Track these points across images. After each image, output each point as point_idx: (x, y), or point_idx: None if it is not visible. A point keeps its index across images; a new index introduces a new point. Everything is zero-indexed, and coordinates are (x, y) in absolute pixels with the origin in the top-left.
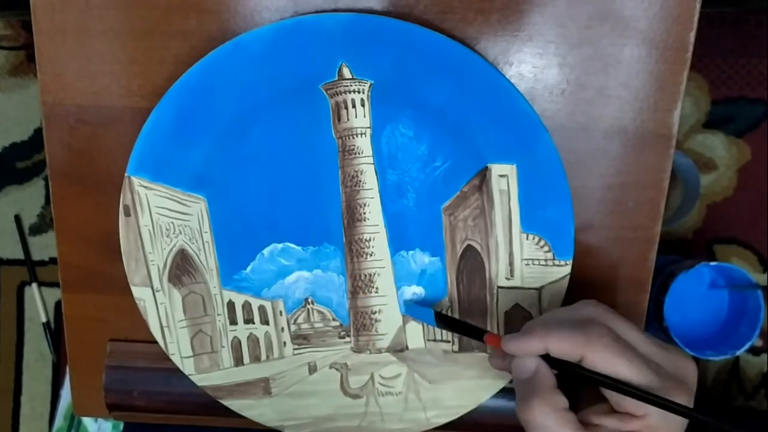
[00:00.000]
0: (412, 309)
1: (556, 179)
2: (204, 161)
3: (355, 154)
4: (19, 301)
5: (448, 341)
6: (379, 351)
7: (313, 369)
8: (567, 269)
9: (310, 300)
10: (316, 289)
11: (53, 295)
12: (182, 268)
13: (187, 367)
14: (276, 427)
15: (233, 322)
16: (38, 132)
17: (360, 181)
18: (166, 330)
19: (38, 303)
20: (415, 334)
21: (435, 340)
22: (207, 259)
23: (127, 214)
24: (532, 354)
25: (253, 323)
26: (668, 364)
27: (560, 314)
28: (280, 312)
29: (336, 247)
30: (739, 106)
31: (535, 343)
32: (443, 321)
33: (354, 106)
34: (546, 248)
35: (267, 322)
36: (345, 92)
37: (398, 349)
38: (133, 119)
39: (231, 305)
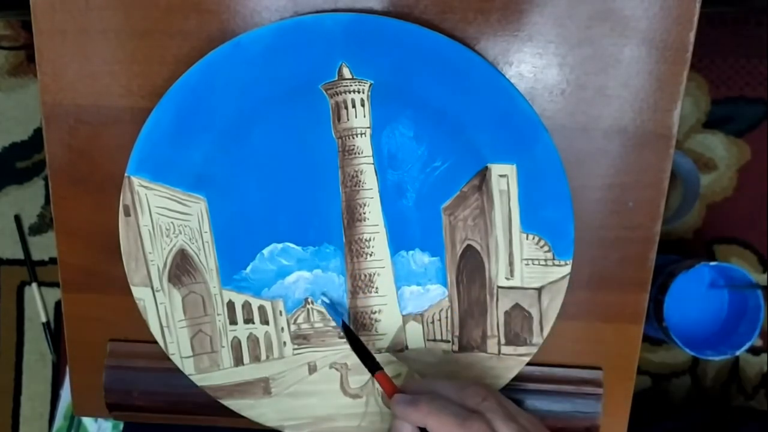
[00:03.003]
0: (329, 307)
1: (556, 179)
2: (204, 161)
3: (355, 154)
4: (19, 301)
5: (448, 341)
6: (379, 351)
7: (313, 369)
8: (567, 269)
9: (309, 300)
10: (316, 289)
11: (53, 295)
12: (182, 268)
13: (187, 367)
14: (276, 427)
15: (233, 322)
16: (38, 132)
17: (360, 181)
18: (166, 330)
19: (38, 303)
20: (415, 334)
21: (435, 340)
22: (207, 259)
23: (127, 214)
24: (412, 423)
25: (253, 323)
26: None
27: (451, 393)
28: (280, 312)
29: (336, 247)
30: (739, 106)
31: (418, 417)
32: (347, 334)
33: (354, 106)
34: (546, 248)
35: (267, 322)
36: (345, 92)
37: (398, 349)
38: (133, 119)
39: (231, 305)
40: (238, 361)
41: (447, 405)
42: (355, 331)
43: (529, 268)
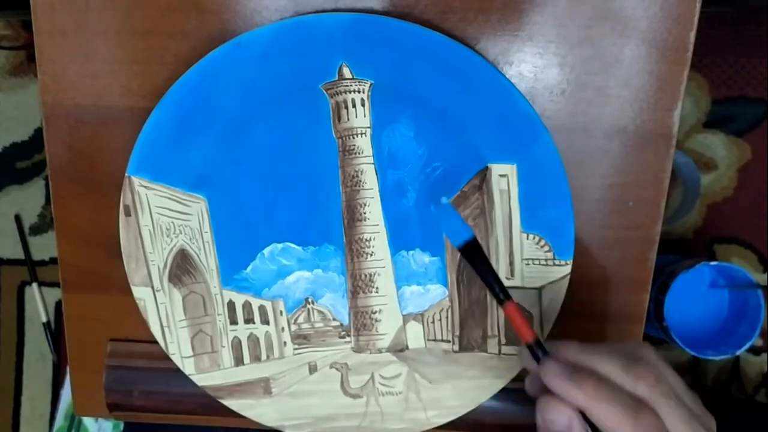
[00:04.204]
0: (447, 213)
1: (556, 179)
2: (204, 161)
3: (355, 153)
4: (20, 301)
5: (449, 341)
6: (380, 351)
7: (313, 369)
8: (567, 269)
9: (310, 300)
10: (316, 288)
11: (53, 295)
12: (182, 267)
13: (188, 367)
14: (276, 427)
15: (233, 321)
16: (38, 132)
17: (360, 180)
18: (166, 330)
19: (38, 303)
20: (415, 334)
21: (435, 340)
22: (207, 258)
23: (128, 214)
24: (571, 401)
25: (254, 323)
26: None
27: (617, 372)
28: (281, 312)
29: (336, 246)
30: (740, 106)
31: (580, 398)
32: (470, 252)
33: (354, 106)
34: (546, 248)
35: (267, 322)
36: (345, 92)
37: (398, 348)
38: (133, 119)
39: (231, 305)
40: (239, 361)
41: (616, 393)
42: (354, 330)
43: (529, 268)
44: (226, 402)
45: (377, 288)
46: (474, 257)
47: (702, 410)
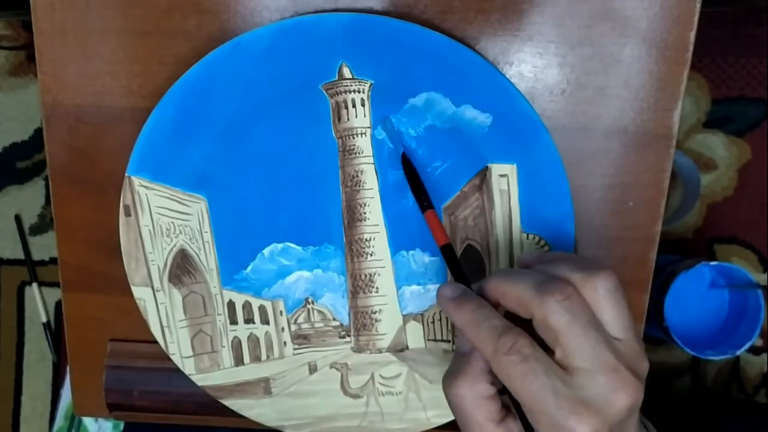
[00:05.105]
0: (388, 126)
1: (556, 179)
2: (204, 161)
3: (355, 153)
4: (20, 301)
5: (449, 341)
6: (380, 351)
7: (313, 369)
8: None
9: (310, 300)
10: (316, 288)
11: (53, 295)
12: (182, 267)
13: (188, 367)
14: (276, 427)
15: (233, 321)
16: (38, 132)
17: (360, 180)
18: (166, 330)
19: (38, 303)
20: (416, 334)
21: (435, 340)
22: (207, 258)
23: (128, 214)
24: (452, 321)
25: (254, 323)
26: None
27: (526, 294)
28: (281, 312)
29: (336, 246)
30: (740, 106)
31: (457, 320)
32: (406, 165)
33: (354, 106)
34: (546, 248)
35: (267, 322)
36: (345, 92)
37: (398, 348)
38: (133, 119)
39: (231, 305)
40: (239, 361)
41: (490, 316)
42: (354, 330)
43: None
44: (226, 402)
45: (377, 288)
46: (409, 170)
47: (633, 348)
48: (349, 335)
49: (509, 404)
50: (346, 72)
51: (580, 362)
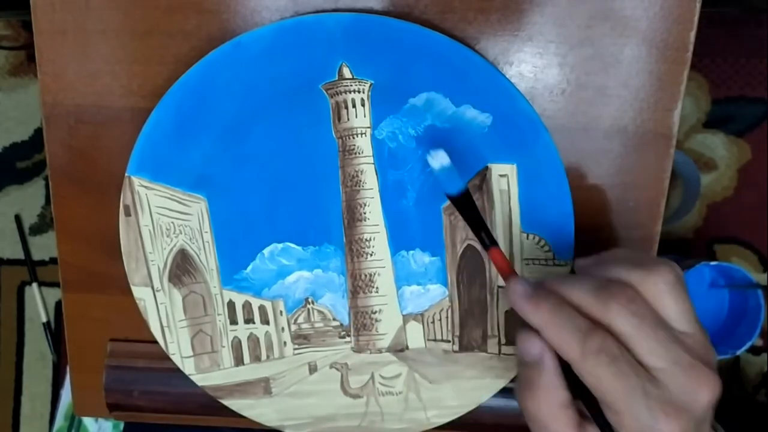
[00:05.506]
0: (442, 166)
1: (556, 179)
2: (204, 161)
3: (355, 153)
4: (20, 301)
5: (449, 341)
6: (380, 351)
7: (313, 369)
8: (567, 269)
9: (310, 300)
10: (316, 288)
11: (53, 295)
12: (182, 267)
13: (188, 367)
14: (276, 427)
15: (233, 321)
16: (38, 132)
17: (360, 180)
18: (166, 330)
19: (38, 303)
20: (416, 334)
21: (435, 340)
22: (207, 258)
23: (128, 214)
24: (528, 321)
25: (254, 323)
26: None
27: (586, 298)
28: (281, 312)
29: (336, 246)
30: (740, 106)
31: (535, 318)
32: (462, 202)
33: (354, 106)
34: (546, 248)
35: (267, 322)
36: (345, 92)
37: (398, 348)
38: (133, 119)
39: (231, 305)
40: (239, 361)
41: (572, 316)
42: (354, 330)
43: (529, 268)
44: (226, 402)
45: (377, 288)
46: (466, 208)
47: (701, 341)
48: (349, 335)
49: (583, 409)
50: (346, 72)
51: (657, 363)
